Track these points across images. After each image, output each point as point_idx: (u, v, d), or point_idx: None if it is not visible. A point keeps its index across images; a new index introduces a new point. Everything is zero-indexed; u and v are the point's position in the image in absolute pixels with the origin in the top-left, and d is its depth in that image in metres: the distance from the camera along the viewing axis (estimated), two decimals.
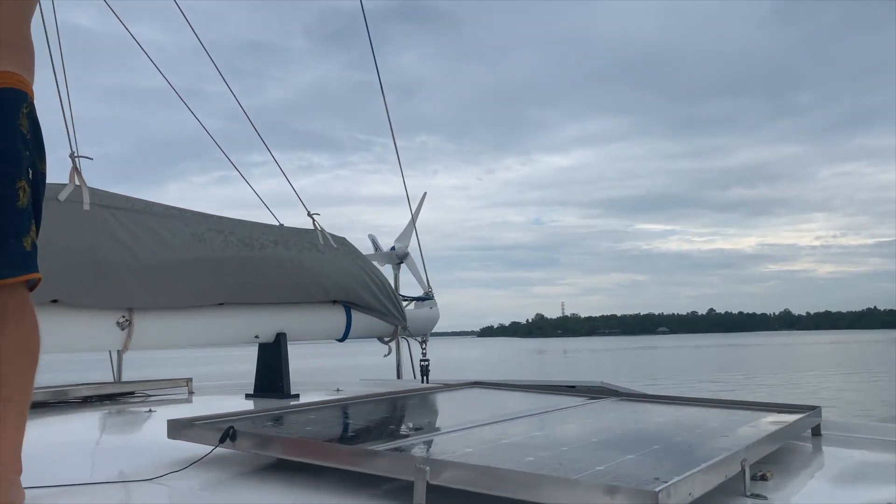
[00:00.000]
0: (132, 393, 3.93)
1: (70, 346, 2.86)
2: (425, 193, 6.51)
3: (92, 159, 2.80)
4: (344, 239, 4.03)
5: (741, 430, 1.98)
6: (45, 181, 1.66)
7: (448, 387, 3.10)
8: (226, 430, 1.81)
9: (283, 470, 1.79)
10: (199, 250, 3.19)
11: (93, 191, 2.85)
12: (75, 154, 2.77)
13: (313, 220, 3.87)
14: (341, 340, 4.02)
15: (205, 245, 3.22)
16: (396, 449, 1.62)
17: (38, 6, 1.76)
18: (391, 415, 2.33)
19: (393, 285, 6.36)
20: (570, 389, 4.09)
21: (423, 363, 4.59)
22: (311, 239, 3.80)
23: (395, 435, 1.85)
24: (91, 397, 3.75)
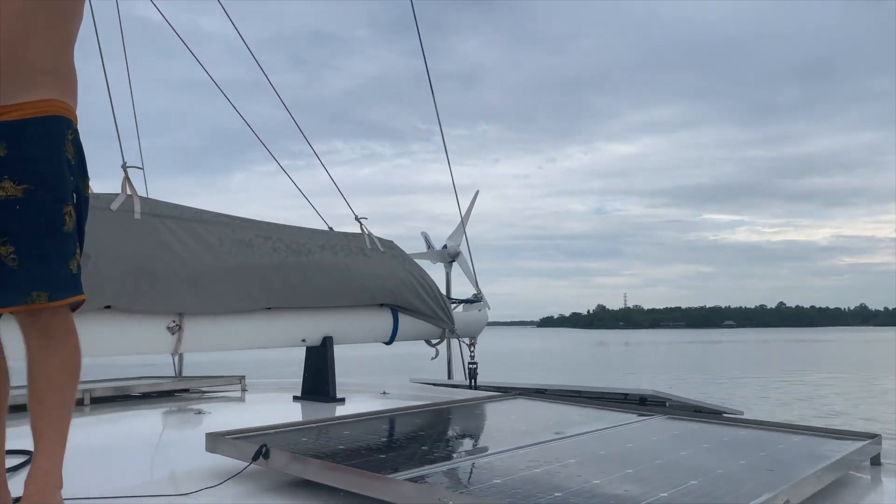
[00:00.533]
0: (187, 390, 4.05)
1: (123, 350, 2.95)
2: (477, 192, 6.49)
3: (142, 169, 2.88)
4: (391, 242, 4.03)
5: (790, 460, 1.88)
6: (87, 204, 1.71)
7: (492, 398, 3.07)
8: (259, 448, 1.83)
9: (317, 487, 1.80)
10: (247, 256, 3.25)
11: (144, 200, 2.92)
12: (126, 165, 2.85)
13: (360, 225, 3.89)
14: (388, 343, 4.03)
15: (253, 251, 3.28)
16: (422, 477, 1.60)
17: (87, 5, 1.79)
18: (427, 431, 2.32)
19: (445, 284, 6.36)
20: (620, 401, 4.00)
21: (471, 366, 4.57)
22: (359, 243, 3.82)
23: (425, 458, 1.83)
24: (150, 393, 3.89)
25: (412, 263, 4.09)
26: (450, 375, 6.26)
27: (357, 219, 3.84)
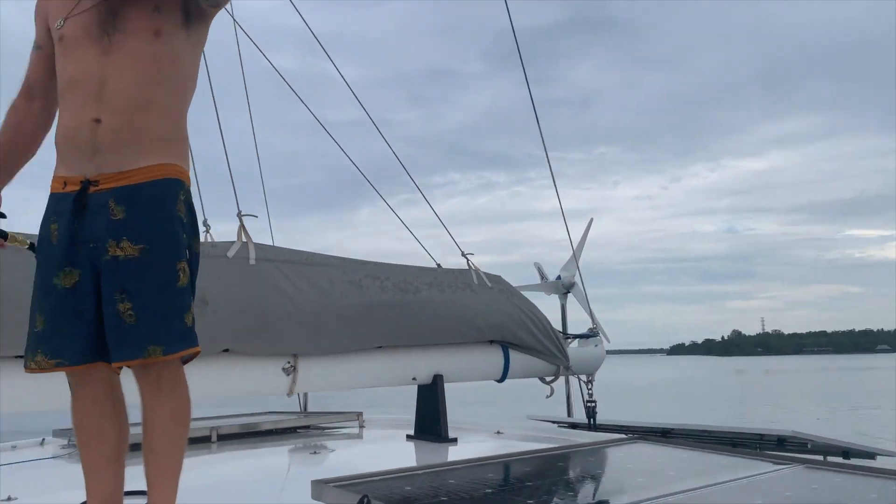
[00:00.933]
0: (309, 427, 4.16)
1: (241, 392, 3.07)
2: (591, 220, 6.31)
3: (257, 217, 3.00)
4: (498, 277, 3.97)
5: None
6: (198, 259, 1.77)
7: (610, 442, 2.90)
8: (361, 499, 1.81)
9: None
10: (357, 297, 3.30)
11: (258, 246, 3.04)
12: (241, 213, 2.98)
13: (467, 261, 3.86)
14: (500, 381, 3.95)
15: (362, 291, 3.33)
16: None
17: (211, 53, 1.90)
18: (535, 482, 2.21)
19: (561, 316, 6.20)
20: (754, 442, 3.68)
21: (589, 404, 4.38)
22: (466, 279, 3.79)
23: None
24: (274, 430, 4.02)
25: (521, 298, 4.00)
26: (569, 412, 6.05)
27: (463, 254, 3.82)
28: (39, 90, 1.78)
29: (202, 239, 3.20)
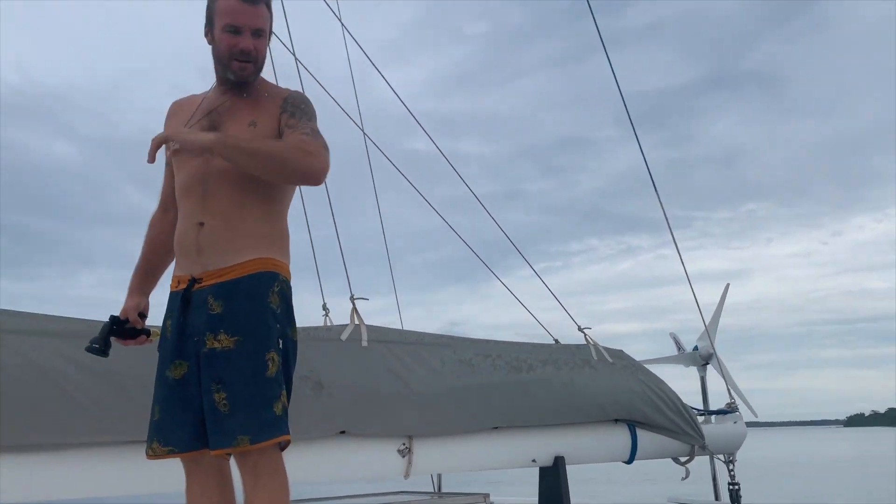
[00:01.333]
0: None
1: (357, 475, 3.10)
2: (728, 285, 5.93)
3: (368, 300, 3.10)
4: (621, 352, 3.80)
5: None
6: (296, 347, 1.85)
7: None
8: None
9: None
10: (469, 377, 3.28)
11: (370, 328, 3.13)
12: (354, 296, 3.09)
13: (585, 335, 3.74)
14: (629, 462, 3.72)
15: (474, 371, 3.30)
16: None
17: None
18: None
19: (701, 391, 5.77)
20: None
21: (732, 487, 4.00)
22: (584, 355, 3.66)
23: None
24: None
25: (646, 373, 3.79)
26: (716, 495, 5.55)
27: (580, 329, 3.71)
28: (173, 203, 1.96)
29: (322, 323, 3.35)
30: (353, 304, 3.10)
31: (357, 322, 3.08)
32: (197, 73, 1.95)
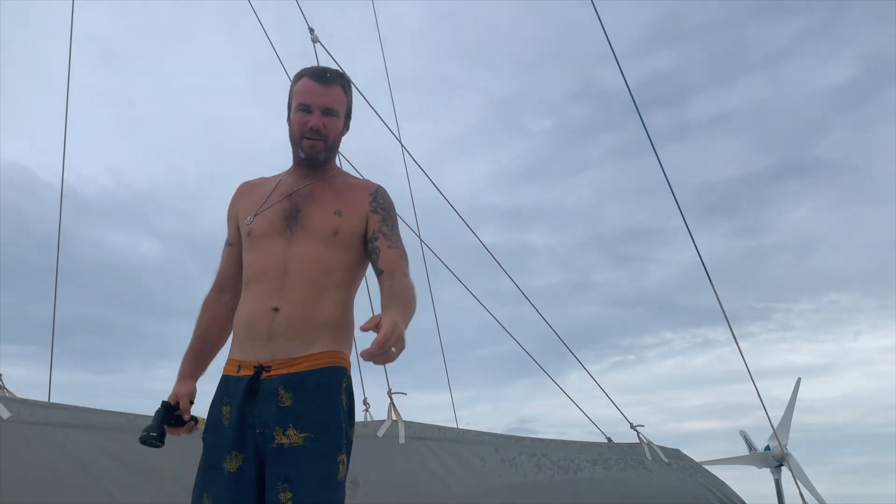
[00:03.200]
0: None
1: None
2: (799, 380, 5.63)
3: (406, 394, 3.06)
4: (678, 451, 3.58)
5: None
6: (351, 445, 1.74)
7: None
8: None
9: None
10: (512, 476, 3.14)
11: (408, 424, 3.07)
12: (392, 391, 3.06)
13: (637, 434, 3.55)
14: None
15: (517, 470, 3.17)
16: None
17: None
18: None
19: (776, 495, 5.35)
20: None
21: None
22: (637, 455, 3.46)
23: None
24: None
25: (706, 475, 3.54)
26: None
27: (633, 427, 3.52)
28: (230, 284, 1.90)
29: (360, 418, 3.32)
30: (391, 398, 3.06)
31: (395, 418, 3.03)
32: (272, 172, 1.98)
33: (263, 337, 1.69)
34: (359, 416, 3.32)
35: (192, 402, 1.83)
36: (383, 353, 1.36)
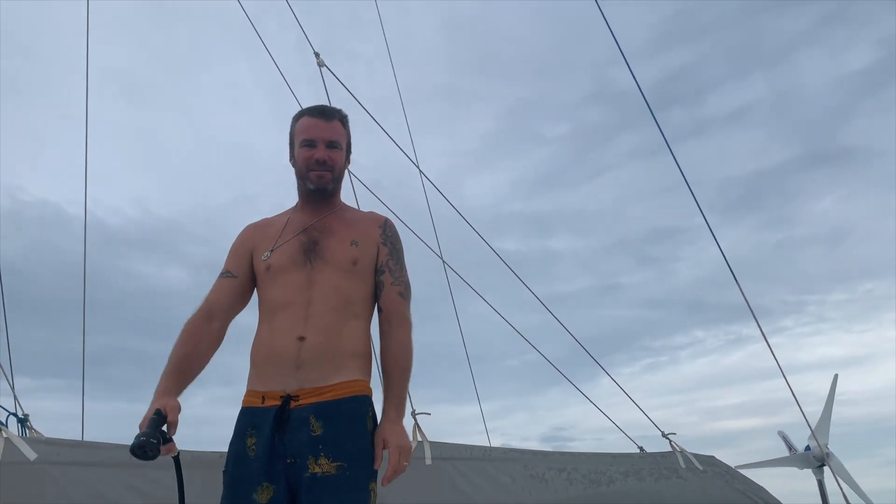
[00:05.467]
0: None
1: None
2: (836, 376, 5.45)
3: (430, 414, 3.02)
4: (712, 458, 3.49)
5: None
6: (377, 472, 1.74)
7: None
8: None
9: None
10: (541, 493, 3.08)
11: (434, 444, 3.03)
12: (415, 412, 3.02)
13: (670, 442, 3.47)
14: None
15: (546, 486, 3.11)
16: None
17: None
18: None
19: (819, 496, 5.19)
20: None
21: None
22: (671, 463, 3.38)
23: None
24: None
25: (744, 480, 3.45)
26: None
27: (664, 435, 3.45)
28: (221, 314, 1.88)
29: None
30: (415, 419, 3.03)
31: (420, 438, 3.00)
32: (294, 195, 2.01)
33: (290, 366, 1.70)
34: None
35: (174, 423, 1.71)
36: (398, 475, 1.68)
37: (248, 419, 1.71)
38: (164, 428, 1.62)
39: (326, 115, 1.90)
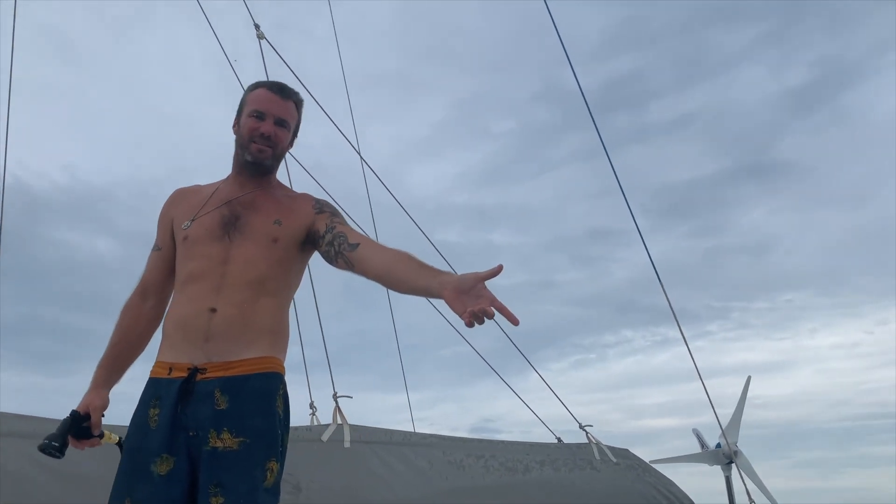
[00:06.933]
0: None
1: None
2: (749, 378, 5.70)
3: (352, 398, 3.01)
4: (626, 451, 3.60)
5: None
6: (286, 452, 1.71)
7: None
8: None
9: None
10: (458, 479, 3.12)
11: (354, 427, 3.03)
12: (337, 394, 3.01)
13: (586, 434, 3.56)
14: None
15: (463, 472, 3.14)
16: None
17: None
18: None
19: (727, 491, 5.43)
20: None
21: None
22: (586, 455, 3.47)
23: None
24: None
25: (654, 474, 3.57)
26: None
27: (581, 427, 3.54)
28: (154, 290, 1.87)
29: (308, 422, 3.26)
30: (336, 402, 3.02)
31: (340, 422, 2.99)
32: (228, 170, 1.95)
33: (199, 338, 1.66)
34: (305, 420, 3.27)
35: (103, 416, 1.75)
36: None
37: (153, 390, 1.68)
38: (86, 424, 1.69)
39: (283, 93, 1.86)
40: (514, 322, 1.37)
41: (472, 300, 1.35)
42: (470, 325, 1.38)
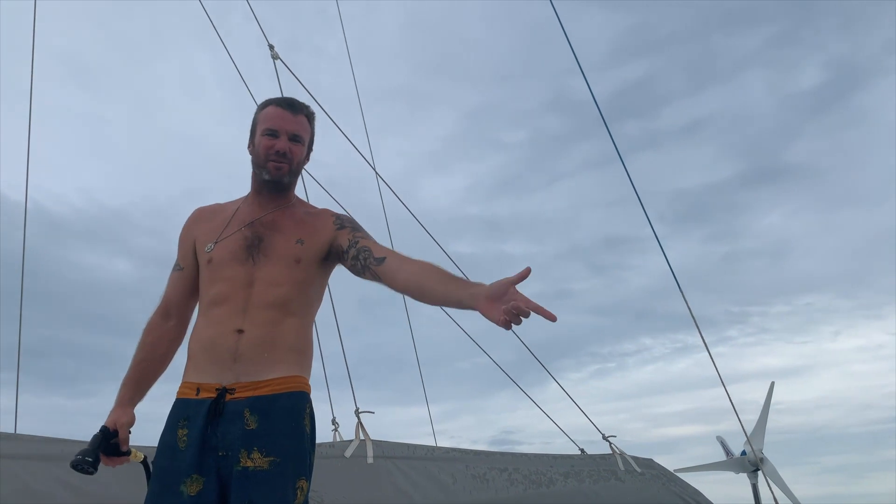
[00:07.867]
0: None
1: None
2: (772, 384, 5.66)
3: (374, 413, 3.01)
4: (650, 461, 3.57)
5: None
6: (312, 470, 1.72)
7: None
8: None
9: None
10: (482, 492, 3.11)
11: (376, 443, 3.02)
12: (359, 410, 3.01)
13: (610, 444, 3.53)
14: None
15: (487, 486, 3.13)
16: None
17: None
18: None
19: (753, 500, 5.36)
20: None
21: None
22: (610, 466, 3.44)
23: None
24: None
25: (680, 484, 3.54)
26: None
27: (605, 437, 3.51)
28: (176, 310, 1.89)
29: (330, 438, 3.27)
30: (359, 418, 3.02)
31: (362, 437, 2.99)
32: (245, 188, 1.96)
33: (228, 359, 1.67)
34: (328, 436, 3.28)
35: (130, 432, 1.78)
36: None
37: (181, 411, 1.69)
38: (115, 441, 1.71)
39: (294, 108, 1.86)
40: (552, 319, 1.36)
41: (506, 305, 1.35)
42: (507, 326, 1.37)
